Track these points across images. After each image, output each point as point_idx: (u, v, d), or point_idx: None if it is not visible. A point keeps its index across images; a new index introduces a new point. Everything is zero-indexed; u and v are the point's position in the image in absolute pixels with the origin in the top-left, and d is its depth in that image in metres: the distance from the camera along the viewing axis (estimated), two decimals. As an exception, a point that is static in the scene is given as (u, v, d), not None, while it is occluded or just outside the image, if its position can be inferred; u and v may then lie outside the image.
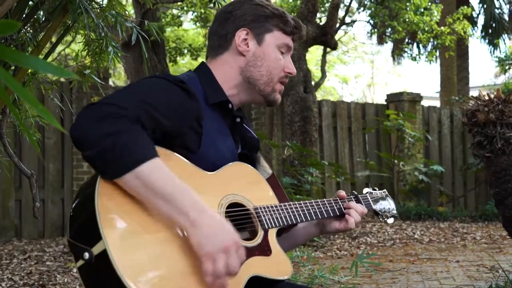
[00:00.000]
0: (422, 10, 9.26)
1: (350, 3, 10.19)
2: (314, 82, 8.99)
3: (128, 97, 1.38)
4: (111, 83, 13.61)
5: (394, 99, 9.09)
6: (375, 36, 13.34)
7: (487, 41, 14.55)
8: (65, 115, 6.30)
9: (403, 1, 8.97)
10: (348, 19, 10.67)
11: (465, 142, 9.38)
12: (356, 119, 8.78)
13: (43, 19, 2.29)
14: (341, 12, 9.52)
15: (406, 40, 13.49)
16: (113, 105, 1.33)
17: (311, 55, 19.31)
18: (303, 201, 1.68)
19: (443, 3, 11.75)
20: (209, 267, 1.28)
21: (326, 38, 7.84)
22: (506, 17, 14.76)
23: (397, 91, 11.22)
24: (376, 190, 1.92)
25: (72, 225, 1.34)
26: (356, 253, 5.44)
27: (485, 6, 14.50)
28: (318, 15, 9.36)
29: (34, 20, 2.28)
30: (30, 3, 2.22)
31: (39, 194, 2.42)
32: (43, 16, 2.31)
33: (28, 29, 2.24)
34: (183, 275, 1.31)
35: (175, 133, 1.46)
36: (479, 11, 14.80)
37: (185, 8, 8.94)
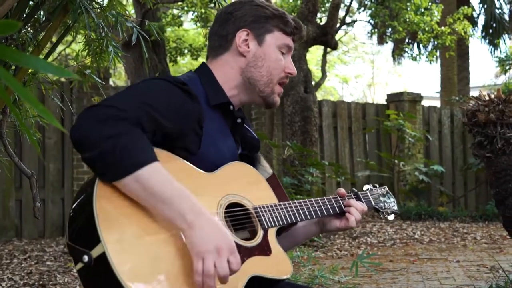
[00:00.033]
0: (423, 10, 9.25)
1: (350, 3, 10.18)
2: (314, 82, 8.98)
3: (128, 99, 1.39)
4: (111, 83, 13.61)
5: (395, 99, 9.09)
6: (375, 36, 13.34)
7: (487, 41, 14.55)
8: (65, 115, 6.31)
9: (403, 1, 8.97)
10: (348, 19, 10.66)
11: (466, 142, 9.37)
12: (357, 119, 8.78)
13: (43, 19, 2.29)
14: (341, 12, 9.51)
15: (407, 40, 13.49)
16: (113, 107, 1.34)
17: (312, 55, 19.31)
18: (303, 200, 1.68)
19: (443, 3, 11.75)
20: (199, 266, 1.29)
21: (327, 38, 7.84)
22: (506, 17, 14.76)
23: (397, 91, 11.21)
24: (376, 187, 1.92)
25: (71, 228, 1.34)
26: (356, 253, 5.44)
27: (485, 6, 14.50)
28: (319, 15, 9.35)
29: (35, 20, 2.28)
30: (31, 3, 2.22)
31: (39, 194, 2.42)
32: (43, 16, 2.31)
33: (28, 29, 2.24)
34: (182, 277, 1.31)
35: (176, 134, 1.46)
36: (480, 11, 14.81)
37: (185, 8, 8.93)
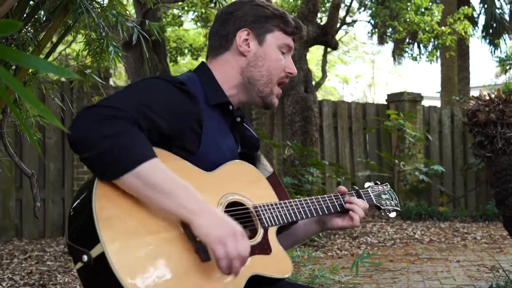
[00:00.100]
0: (423, 10, 9.25)
1: (350, 3, 10.17)
2: (314, 82, 8.98)
3: (126, 99, 1.39)
4: (111, 82, 13.61)
5: (395, 99, 9.09)
6: (375, 36, 13.33)
7: (487, 41, 14.55)
8: (65, 114, 6.31)
9: (403, 1, 8.97)
10: (348, 19, 10.64)
11: (466, 142, 9.37)
12: (357, 119, 8.77)
13: (44, 18, 2.30)
14: (341, 12, 9.51)
15: (407, 40, 13.48)
16: (111, 107, 1.34)
17: (312, 55, 19.30)
18: (303, 198, 1.67)
19: (443, 3, 11.75)
20: (221, 250, 1.30)
21: (327, 38, 7.83)
22: (506, 17, 14.76)
23: (397, 91, 11.20)
24: (378, 184, 1.92)
25: (70, 227, 1.34)
26: (357, 253, 5.44)
27: (485, 6, 14.49)
28: (319, 15, 9.35)
29: (35, 19, 2.28)
30: (31, 2, 2.23)
31: (39, 194, 2.42)
32: (44, 15, 2.32)
33: (29, 28, 2.25)
34: (182, 276, 1.31)
35: (174, 134, 1.46)
36: (480, 11, 14.80)
37: (185, 8, 8.92)
